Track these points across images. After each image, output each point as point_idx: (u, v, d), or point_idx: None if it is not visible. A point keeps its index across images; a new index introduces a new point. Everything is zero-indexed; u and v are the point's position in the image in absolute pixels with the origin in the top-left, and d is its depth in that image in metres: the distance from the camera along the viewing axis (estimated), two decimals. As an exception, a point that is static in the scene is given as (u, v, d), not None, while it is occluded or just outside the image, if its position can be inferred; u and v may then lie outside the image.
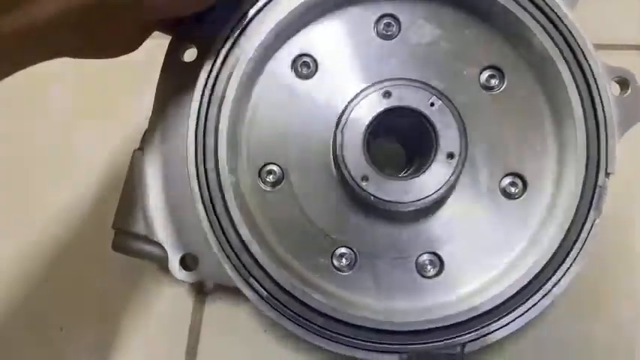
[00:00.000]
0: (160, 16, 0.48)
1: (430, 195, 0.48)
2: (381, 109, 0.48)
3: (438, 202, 0.51)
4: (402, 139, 0.54)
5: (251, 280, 0.49)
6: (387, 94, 0.48)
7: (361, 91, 0.49)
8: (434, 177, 0.48)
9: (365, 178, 0.48)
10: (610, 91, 0.50)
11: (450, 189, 0.49)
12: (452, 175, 0.48)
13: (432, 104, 0.48)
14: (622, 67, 0.52)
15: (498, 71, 0.53)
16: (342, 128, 0.48)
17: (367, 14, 0.53)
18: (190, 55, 0.54)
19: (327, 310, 0.48)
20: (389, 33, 0.53)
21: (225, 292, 0.63)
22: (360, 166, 0.48)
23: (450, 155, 0.48)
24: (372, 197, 0.48)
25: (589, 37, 0.51)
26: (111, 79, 0.69)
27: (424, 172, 0.48)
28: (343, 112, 0.49)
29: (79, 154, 0.69)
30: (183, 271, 0.53)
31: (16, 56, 0.41)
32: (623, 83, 0.52)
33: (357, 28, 0.53)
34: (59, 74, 0.71)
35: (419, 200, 0.48)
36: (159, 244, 0.53)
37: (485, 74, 0.53)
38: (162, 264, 0.53)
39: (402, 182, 0.48)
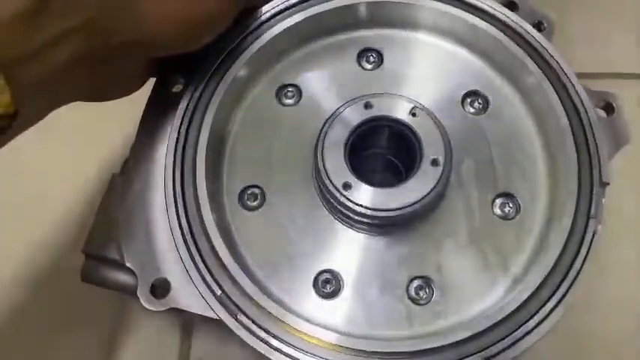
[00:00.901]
0: (168, 52, 0.50)
1: (417, 201, 0.45)
2: (362, 118, 0.48)
3: (429, 221, 0.49)
4: (388, 151, 0.53)
5: (239, 315, 0.44)
6: (367, 105, 0.48)
7: (343, 104, 0.49)
8: (420, 183, 0.46)
9: (347, 187, 0.46)
10: (595, 111, 0.50)
11: (437, 198, 0.46)
12: (438, 180, 0.46)
13: (414, 114, 0.48)
14: (605, 91, 0.53)
15: (482, 96, 0.53)
16: (324, 138, 0.47)
17: (350, 47, 0.55)
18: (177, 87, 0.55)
19: (310, 331, 0.43)
20: (370, 64, 0.55)
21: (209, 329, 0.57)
22: (341, 174, 0.46)
23: (435, 162, 0.46)
24: (355, 205, 0.46)
25: (572, 73, 0.52)
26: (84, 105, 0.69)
27: (410, 179, 0.46)
28: (324, 124, 0.48)
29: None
30: (153, 299, 0.48)
31: (38, 103, 0.41)
32: (609, 107, 0.52)
33: (339, 59, 0.55)
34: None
35: (406, 207, 0.45)
36: (130, 270, 0.49)
37: (469, 99, 0.53)
38: (133, 294, 0.49)
39: (386, 190, 0.46)
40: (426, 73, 0.54)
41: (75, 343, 0.60)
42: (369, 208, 0.46)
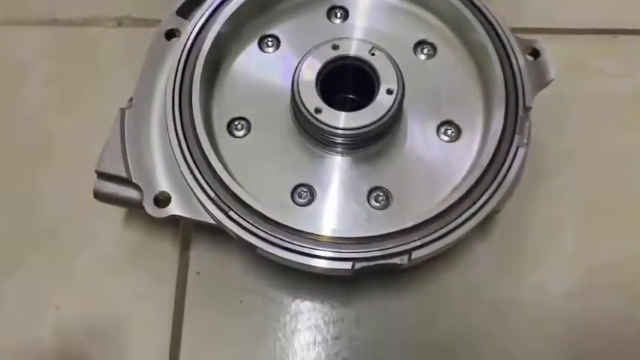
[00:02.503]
0: None
1: (375, 122, 0.56)
2: (331, 56, 0.58)
3: (385, 143, 0.59)
4: (353, 87, 0.62)
5: (231, 212, 0.54)
6: (335, 47, 0.58)
7: (314, 47, 0.59)
8: (378, 108, 0.56)
9: (318, 111, 0.56)
10: (520, 52, 0.61)
11: (391, 119, 0.57)
12: (392, 105, 0.56)
13: (373, 54, 0.58)
14: (532, 39, 0.63)
15: (431, 45, 0.64)
16: (299, 73, 0.57)
17: (320, 4, 0.65)
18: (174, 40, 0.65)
19: (289, 223, 0.53)
20: (338, 19, 0.65)
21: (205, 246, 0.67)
22: (313, 101, 0.56)
23: (389, 91, 0.57)
24: (325, 126, 0.56)
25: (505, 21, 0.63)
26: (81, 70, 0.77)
27: (369, 104, 0.56)
28: (299, 62, 0.58)
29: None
30: (157, 208, 0.58)
31: None
32: (535, 53, 0.63)
33: (312, 15, 0.65)
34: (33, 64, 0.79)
35: (366, 126, 0.55)
36: (136, 186, 0.58)
37: (420, 47, 0.64)
38: (139, 206, 0.59)
39: (351, 113, 0.56)
40: (385, 25, 0.65)
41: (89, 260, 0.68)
42: (337, 127, 0.56)
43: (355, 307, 0.65)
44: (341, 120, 0.56)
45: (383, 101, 0.57)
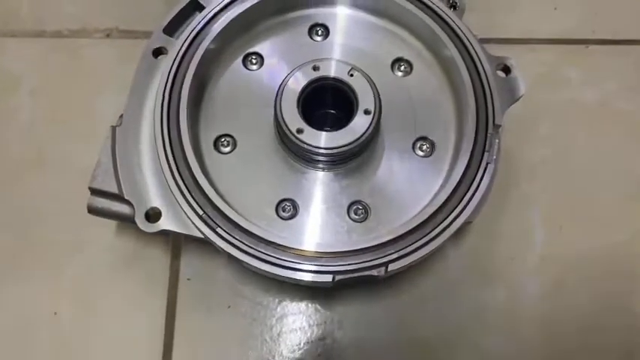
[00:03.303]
0: None
1: (353, 141, 0.59)
2: (311, 77, 0.61)
3: (364, 159, 0.62)
4: (333, 104, 0.66)
5: (218, 229, 0.57)
6: (315, 68, 0.61)
7: (296, 67, 0.62)
8: (356, 128, 0.60)
9: (300, 131, 0.59)
10: (491, 70, 0.64)
11: (369, 138, 0.60)
12: (369, 125, 0.59)
13: (352, 74, 0.61)
14: (504, 56, 0.67)
15: (407, 62, 0.67)
16: (281, 94, 0.61)
17: (302, 22, 0.68)
18: (161, 58, 0.67)
19: (274, 239, 0.56)
20: (319, 36, 0.68)
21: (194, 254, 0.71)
22: (295, 121, 0.60)
23: (367, 111, 0.60)
24: (306, 145, 0.59)
25: (476, 39, 0.66)
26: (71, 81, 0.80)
27: (348, 124, 0.60)
28: (282, 83, 0.61)
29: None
30: (148, 223, 0.61)
31: None
32: (506, 69, 0.66)
33: (294, 33, 0.68)
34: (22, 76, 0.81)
35: (345, 145, 0.59)
36: (127, 202, 0.62)
37: (397, 64, 0.67)
38: (130, 220, 0.62)
39: (330, 133, 0.60)
40: (364, 43, 0.68)
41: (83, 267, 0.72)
42: (318, 147, 0.59)
43: (337, 310, 0.69)
44: (321, 140, 0.59)
45: (361, 121, 0.60)
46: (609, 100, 0.80)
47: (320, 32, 0.69)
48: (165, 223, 0.60)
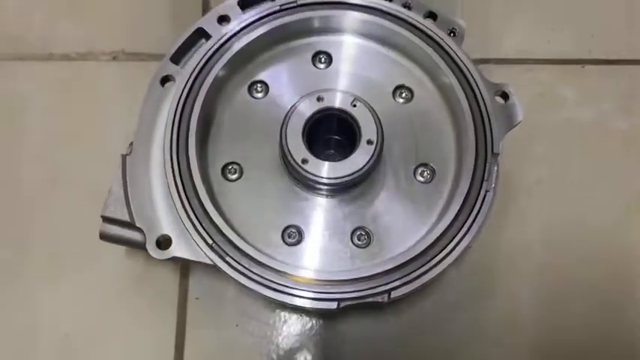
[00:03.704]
0: None
1: (356, 171, 0.61)
2: (316, 108, 0.63)
3: (367, 186, 0.65)
4: (337, 131, 0.68)
5: (227, 258, 0.60)
6: (319, 99, 0.63)
7: (301, 97, 0.64)
8: (358, 158, 0.62)
9: (305, 161, 0.61)
10: (489, 97, 0.66)
11: (371, 168, 0.62)
12: (371, 156, 0.61)
13: (355, 105, 0.63)
14: (502, 83, 0.68)
15: (408, 89, 0.69)
16: (287, 125, 0.63)
17: (305, 49, 0.70)
18: (169, 85, 0.69)
19: (281, 267, 0.59)
20: (322, 64, 0.70)
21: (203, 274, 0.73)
22: (300, 152, 0.62)
23: (370, 142, 0.62)
24: (310, 175, 0.61)
25: (476, 69, 0.67)
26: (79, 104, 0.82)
27: (351, 155, 0.62)
28: (287, 114, 0.63)
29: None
30: (159, 250, 0.63)
31: None
32: (505, 95, 0.68)
33: (298, 61, 0.70)
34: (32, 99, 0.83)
35: (348, 175, 0.61)
36: (139, 229, 0.64)
37: (398, 91, 0.69)
38: (142, 247, 0.64)
39: (334, 163, 0.62)
40: (366, 71, 0.70)
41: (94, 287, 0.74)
42: (322, 177, 0.61)
43: (341, 328, 0.72)
44: (325, 170, 0.61)
45: (363, 152, 0.62)
46: (605, 120, 0.82)
47: (323, 60, 0.70)
48: (175, 250, 0.62)
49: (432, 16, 0.71)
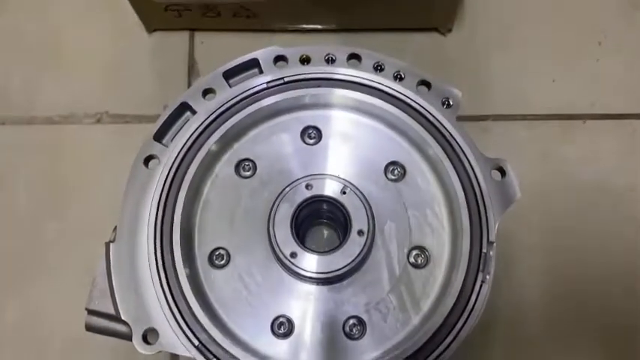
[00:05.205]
0: None
1: (346, 265, 0.59)
2: (304, 198, 0.61)
3: (359, 273, 0.62)
4: (328, 220, 0.66)
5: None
6: (308, 186, 0.61)
7: (288, 185, 0.62)
8: (348, 251, 0.60)
9: (293, 255, 0.59)
10: (484, 179, 0.63)
11: (363, 260, 0.60)
12: (362, 249, 0.59)
13: (344, 192, 0.61)
14: (499, 158, 0.66)
15: (400, 166, 0.66)
16: (274, 217, 0.60)
17: (294, 124, 0.67)
18: (153, 164, 0.67)
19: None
20: (311, 139, 0.67)
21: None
22: (288, 245, 0.60)
23: (360, 232, 0.60)
24: (299, 269, 0.59)
25: (470, 145, 0.65)
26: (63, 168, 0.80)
27: (340, 247, 0.60)
28: (274, 202, 0.61)
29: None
30: (145, 345, 0.61)
31: None
32: (501, 170, 0.65)
33: (286, 137, 0.67)
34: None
35: (337, 270, 0.59)
36: (124, 322, 0.62)
37: (390, 168, 0.66)
38: (128, 339, 0.62)
39: (323, 257, 0.60)
40: (356, 146, 0.67)
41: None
42: (311, 272, 0.59)
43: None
44: (314, 264, 0.59)
45: (354, 243, 0.60)
46: (606, 178, 0.80)
47: (313, 135, 0.68)
48: (162, 345, 0.61)
49: (425, 83, 0.68)
